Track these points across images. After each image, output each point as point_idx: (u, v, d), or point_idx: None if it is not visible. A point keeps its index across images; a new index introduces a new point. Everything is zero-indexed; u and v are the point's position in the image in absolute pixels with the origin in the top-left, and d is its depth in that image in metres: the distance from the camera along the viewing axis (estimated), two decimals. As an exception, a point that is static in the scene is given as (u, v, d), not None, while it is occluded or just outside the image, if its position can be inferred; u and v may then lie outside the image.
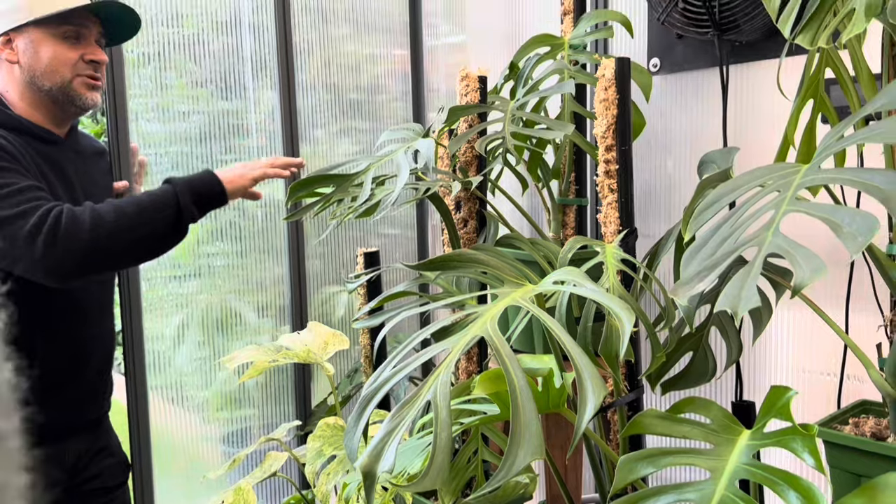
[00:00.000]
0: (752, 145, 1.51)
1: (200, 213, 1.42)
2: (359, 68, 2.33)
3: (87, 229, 1.28)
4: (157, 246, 1.41)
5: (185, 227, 1.41)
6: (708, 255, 0.89)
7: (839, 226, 0.76)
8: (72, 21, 1.42)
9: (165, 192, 1.39)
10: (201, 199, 1.42)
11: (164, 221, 1.37)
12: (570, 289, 0.90)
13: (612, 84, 1.23)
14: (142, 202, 1.36)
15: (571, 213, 1.65)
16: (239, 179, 1.47)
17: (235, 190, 1.47)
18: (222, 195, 1.45)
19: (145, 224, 1.34)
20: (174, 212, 1.37)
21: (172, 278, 2.01)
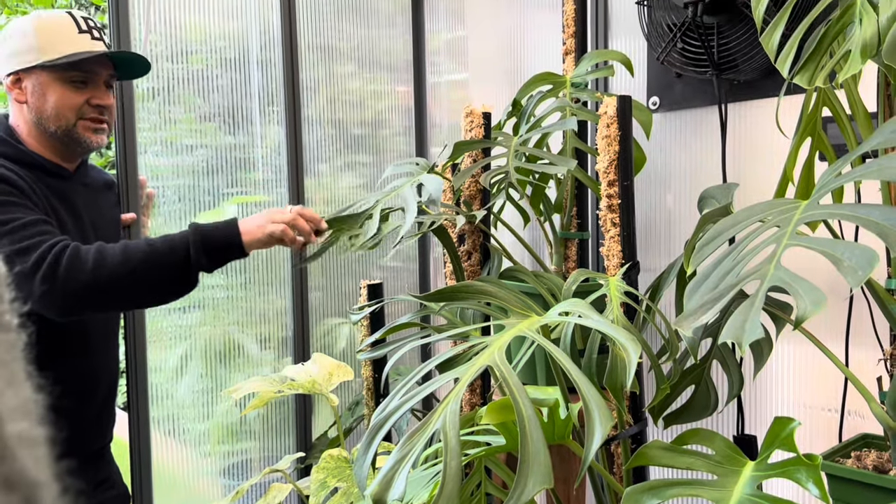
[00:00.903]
0: (750, 181, 1.54)
1: (213, 265, 1.38)
2: (363, 104, 2.37)
3: (88, 269, 1.28)
4: (160, 293, 1.39)
5: (195, 277, 1.37)
6: (710, 289, 0.91)
7: (839, 259, 0.78)
8: (81, 66, 1.44)
9: (179, 240, 1.36)
10: (216, 250, 1.37)
11: (171, 270, 1.34)
12: (576, 320, 0.92)
13: (613, 121, 1.26)
14: (153, 247, 1.34)
15: (573, 247, 1.67)
16: (257, 231, 1.40)
17: (253, 243, 1.40)
18: (239, 249, 1.39)
19: (150, 270, 1.32)
20: (182, 261, 1.35)
21: (175, 310, 2.02)
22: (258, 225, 1.41)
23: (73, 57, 1.40)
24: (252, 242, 1.40)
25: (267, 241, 1.42)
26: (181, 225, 1.99)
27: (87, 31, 1.44)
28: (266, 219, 1.42)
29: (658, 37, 1.62)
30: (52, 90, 1.42)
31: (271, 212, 1.45)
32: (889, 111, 1.07)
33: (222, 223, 1.41)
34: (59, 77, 1.42)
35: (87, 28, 1.45)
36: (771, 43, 1.04)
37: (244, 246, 1.39)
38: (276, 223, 1.41)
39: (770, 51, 1.04)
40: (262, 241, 1.41)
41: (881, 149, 0.95)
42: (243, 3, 2.07)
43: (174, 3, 1.95)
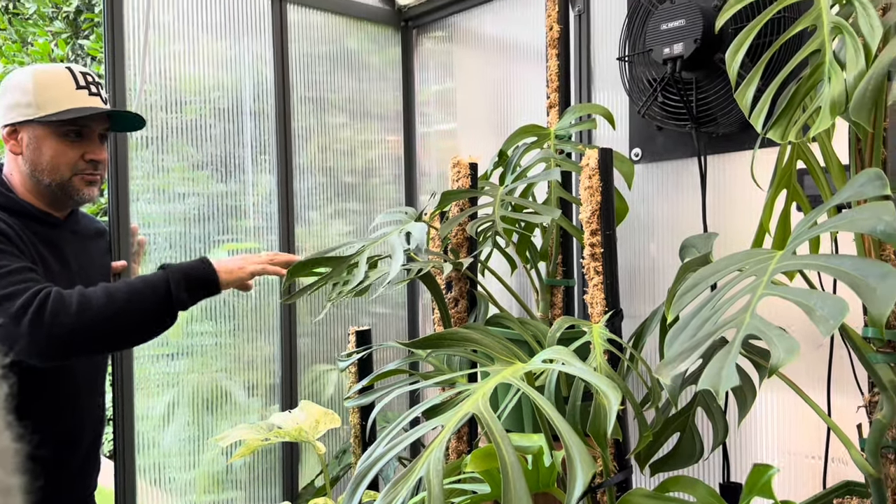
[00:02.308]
0: (729, 231, 1.57)
1: (192, 301, 1.44)
2: (354, 153, 2.42)
3: (73, 312, 1.30)
4: (144, 332, 1.42)
5: (175, 314, 1.42)
6: (690, 336, 0.93)
7: (812, 309, 0.81)
8: (76, 121, 1.47)
9: (158, 279, 1.41)
10: (194, 288, 1.44)
11: (154, 308, 1.39)
12: (559, 367, 0.93)
13: (595, 173, 1.30)
14: (133, 287, 1.38)
15: (559, 294, 1.70)
16: (238, 272, 1.49)
17: (231, 281, 1.49)
18: (216, 285, 1.47)
19: (134, 310, 1.36)
20: (165, 299, 1.39)
21: (162, 356, 2.02)
22: (238, 266, 1.50)
23: (70, 114, 1.43)
24: (230, 281, 1.48)
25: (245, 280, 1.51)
26: (171, 272, 2.00)
27: (85, 87, 1.48)
28: (243, 261, 1.52)
29: (639, 91, 1.67)
30: (48, 144, 1.45)
31: (246, 257, 1.55)
32: (860, 164, 1.11)
33: (195, 262, 1.48)
34: (54, 131, 1.45)
35: (84, 84, 1.48)
36: (745, 99, 1.08)
37: (220, 283, 1.47)
38: (254, 264, 1.52)
39: (744, 106, 1.09)
40: (241, 279, 1.50)
41: (853, 200, 0.98)
42: (237, 56, 2.13)
43: (170, 55, 2.00)
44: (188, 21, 2.03)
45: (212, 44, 2.08)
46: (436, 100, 2.48)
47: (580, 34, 1.89)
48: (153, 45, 1.95)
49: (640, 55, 1.64)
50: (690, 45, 1.47)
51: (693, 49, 1.46)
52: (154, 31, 1.95)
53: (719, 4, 1.49)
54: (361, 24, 2.42)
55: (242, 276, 1.49)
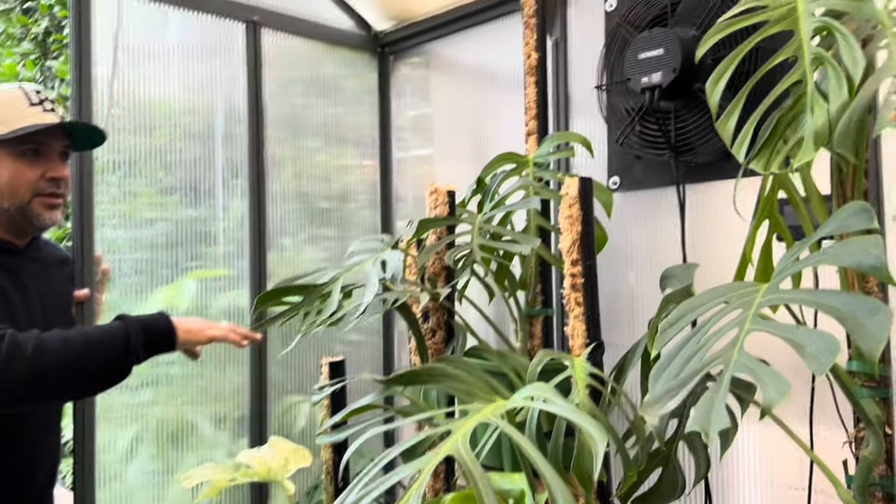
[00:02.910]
0: (709, 260, 1.56)
1: (146, 356, 1.40)
2: (328, 178, 2.38)
3: (27, 356, 1.24)
4: (97, 383, 1.37)
5: (130, 368, 1.37)
6: (675, 373, 0.90)
7: (801, 346, 0.78)
8: (33, 139, 1.41)
9: (117, 330, 1.36)
10: (151, 342, 1.40)
11: (110, 360, 1.34)
12: (541, 405, 0.90)
13: (575, 202, 1.28)
14: (90, 337, 1.33)
15: (538, 324, 1.67)
16: (197, 333, 1.47)
17: (188, 341, 1.46)
18: (172, 344, 1.43)
19: (89, 360, 1.31)
20: (122, 352, 1.35)
21: (126, 387, 1.95)
22: (198, 328, 1.47)
23: (24, 130, 1.38)
24: (187, 341, 1.45)
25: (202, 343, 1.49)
26: (137, 299, 1.94)
27: (39, 104, 1.43)
28: (204, 324, 1.50)
29: (617, 120, 1.66)
30: (5, 166, 1.39)
31: (206, 321, 1.53)
32: (842, 195, 1.10)
33: (154, 316, 1.44)
34: (11, 152, 1.40)
35: (38, 101, 1.43)
36: (727, 129, 1.07)
37: (177, 341, 1.44)
38: (215, 329, 1.50)
39: (726, 136, 1.07)
40: (199, 341, 1.47)
41: (836, 234, 0.97)
42: (210, 80, 2.08)
43: (140, 77, 1.95)
44: (159, 44, 1.98)
45: (183, 67, 2.04)
46: (412, 125, 2.46)
47: (557, 62, 1.88)
48: (122, 67, 1.90)
49: (618, 84, 1.63)
50: (669, 74, 1.46)
51: (672, 78, 1.45)
52: (123, 52, 1.90)
53: (697, 34, 1.49)
54: (337, 49, 2.39)
55: (201, 339, 1.47)
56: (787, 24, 1.05)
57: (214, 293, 2.10)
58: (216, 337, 1.49)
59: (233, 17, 2.10)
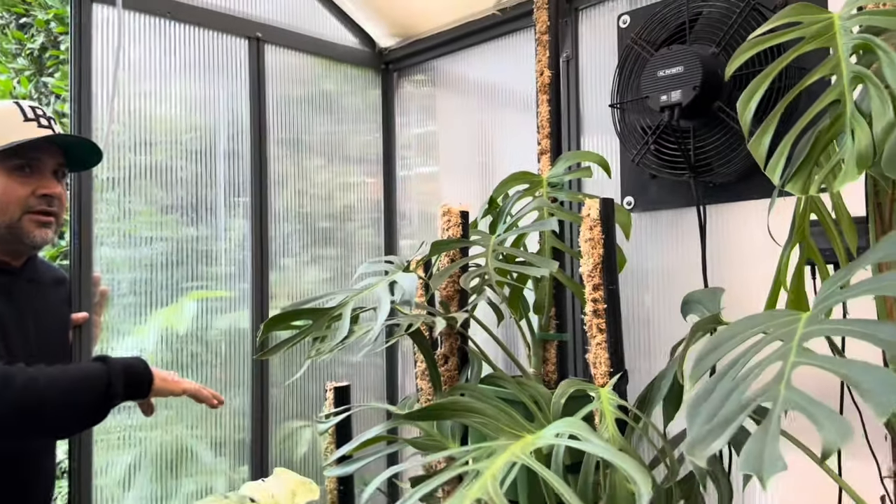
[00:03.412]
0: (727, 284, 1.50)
1: (122, 400, 1.36)
2: (331, 196, 2.33)
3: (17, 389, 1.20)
4: (75, 424, 1.34)
5: (108, 410, 1.33)
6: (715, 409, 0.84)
7: (858, 383, 0.73)
8: (24, 153, 1.37)
9: (99, 371, 1.32)
10: (130, 387, 1.36)
11: (92, 400, 1.30)
12: (576, 444, 0.84)
13: (597, 224, 1.23)
14: (74, 377, 1.30)
15: (552, 349, 1.61)
16: (172, 384, 1.44)
17: (161, 391, 1.43)
18: (147, 389, 1.40)
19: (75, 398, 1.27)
20: (104, 393, 1.31)
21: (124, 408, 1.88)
22: (174, 379, 1.45)
23: (14, 143, 1.33)
24: (160, 390, 1.42)
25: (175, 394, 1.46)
26: (135, 320, 1.88)
27: (34, 119, 1.38)
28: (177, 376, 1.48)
29: (633, 139, 1.62)
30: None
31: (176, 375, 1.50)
32: (880, 219, 1.05)
33: (133, 359, 1.41)
34: (2, 167, 1.35)
35: (33, 116, 1.39)
36: (760, 149, 1.02)
37: (153, 388, 1.40)
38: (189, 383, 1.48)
39: (759, 157, 1.03)
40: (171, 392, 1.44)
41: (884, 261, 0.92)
42: (212, 96, 2.04)
43: (140, 94, 1.90)
44: (161, 60, 1.94)
45: (185, 83, 1.99)
46: (417, 143, 2.42)
47: (568, 80, 1.84)
48: (123, 83, 1.86)
49: (634, 102, 1.59)
50: (690, 92, 1.42)
51: (692, 96, 1.41)
52: (124, 69, 1.86)
53: (717, 52, 1.45)
54: (341, 66, 2.35)
55: (174, 391, 1.44)
56: (823, 42, 1.01)
57: (214, 314, 2.04)
58: (189, 390, 1.46)
59: (235, 33, 2.06)
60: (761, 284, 1.51)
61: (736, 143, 1.45)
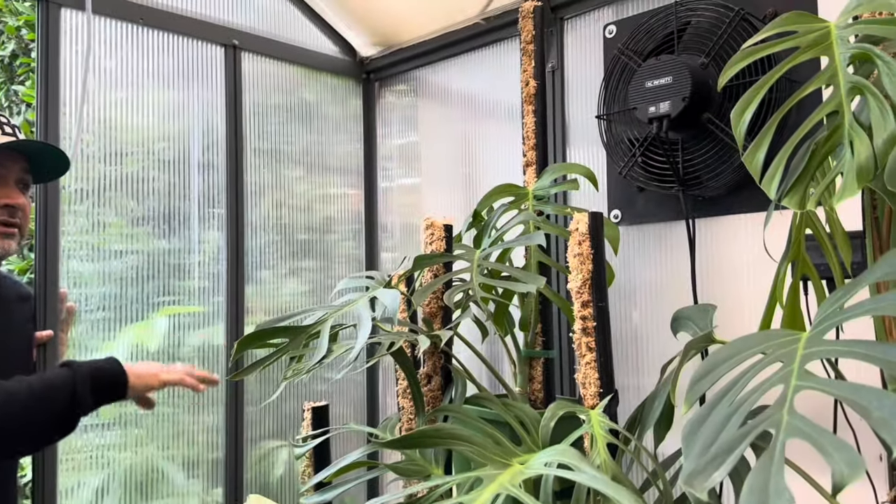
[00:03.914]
0: (716, 299, 1.47)
1: (95, 406, 1.30)
2: (310, 208, 2.27)
3: None
4: (42, 436, 1.27)
5: (77, 419, 1.27)
6: (713, 436, 0.79)
7: (867, 409, 0.69)
8: None
9: (63, 379, 1.25)
10: (100, 390, 1.30)
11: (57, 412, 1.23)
12: (567, 474, 0.79)
13: (586, 238, 1.19)
14: (34, 387, 1.22)
15: (538, 367, 1.56)
16: (149, 378, 1.37)
17: (140, 387, 1.36)
18: (123, 391, 1.33)
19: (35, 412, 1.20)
20: (68, 402, 1.24)
21: (92, 427, 1.81)
22: (151, 372, 1.38)
23: None
24: (139, 387, 1.35)
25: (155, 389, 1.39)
26: (104, 336, 1.81)
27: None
28: (158, 368, 1.41)
29: (619, 151, 1.59)
30: None
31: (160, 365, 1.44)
32: (877, 234, 1.02)
33: (102, 361, 1.35)
34: None
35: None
36: (755, 163, 0.99)
37: (129, 390, 1.34)
38: (169, 374, 1.41)
39: (754, 171, 0.99)
40: (151, 387, 1.38)
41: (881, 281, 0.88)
42: (186, 105, 1.98)
43: (112, 102, 1.84)
44: (133, 67, 1.88)
45: (159, 91, 1.93)
46: (399, 154, 2.37)
47: (554, 90, 1.80)
48: (94, 91, 1.79)
49: (621, 113, 1.56)
50: (679, 103, 1.38)
51: (681, 108, 1.38)
52: (95, 76, 1.79)
53: (706, 62, 1.42)
54: (321, 75, 2.30)
55: (153, 385, 1.37)
56: (820, 51, 0.98)
57: (187, 330, 1.97)
58: (170, 381, 1.39)
59: (211, 40, 2.01)
60: (752, 300, 1.48)
61: (726, 155, 1.42)
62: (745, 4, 1.42)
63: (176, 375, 1.41)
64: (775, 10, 1.41)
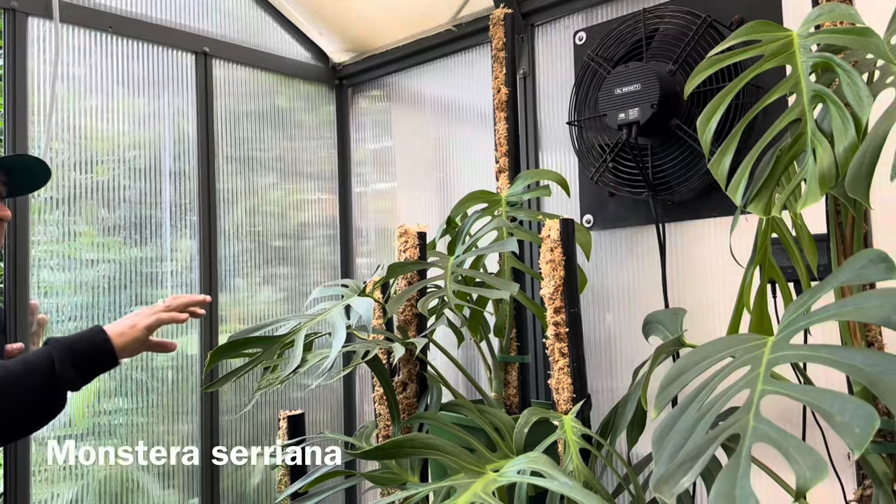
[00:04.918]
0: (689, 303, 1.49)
1: (83, 378, 1.22)
2: (284, 215, 2.26)
3: None
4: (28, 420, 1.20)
5: (63, 396, 1.20)
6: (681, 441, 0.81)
7: (831, 414, 0.70)
8: None
9: (40, 356, 1.19)
10: (84, 362, 1.22)
11: (35, 392, 1.16)
12: (539, 481, 0.80)
13: (557, 245, 1.20)
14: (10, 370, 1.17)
15: (513, 371, 1.57)
16: (129, 332, 1.26)
17: (127, 345, 1.26)
18: (110, 355, 1.24)
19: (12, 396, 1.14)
20: (47, 379, 1.17)
21: (66, 438, 1.78)
22: (129, 325, 1.27)
23: None
24: (126, 345, 1.26)
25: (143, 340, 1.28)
26: (76, 348, 1.78)
27: None
28: (134, 317, 1.30)
29: (590, 157, 1.60)
30: None
31: (137, 312, 1.33)
32: (841, 238, 1.04)
33: (86, 331, 1.26)
34: None
35: None
36: (721, 170, 1.00)
37: (116, 351, 1.24)
38: (147, 316, 1.30)
39: (720, 177, 1.00)
40: (138, 339, 1.27)
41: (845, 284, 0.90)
42: (157, 112, 1.96)
43: (82, 110, 1.82)
44: (103, 75, 1.86)
45: (129, 99, 1.91)
46: (373, 159, 2.37)
47: (526, 97, 1.81)
48: (63, 99, 1.77)
49: (591, 120, 1.57)
50: (647, 110, 1.40)
51: (650, 114, 1.40)
52: (64, 84, 1.77)
53: (674, 69, 1.44)
54: (293, 81, 2.30)
55: (137, 336, 1.26)
56: (783, 60, 1.00)
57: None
58: (151, 325, 1.29)
59: (181, 47, 1.99)
60: (722, 302, 1.50)
61: (694, 160, 1.44)
62: (711, 11, 1.45)
63: (153, 318, 1.30)
64: (741, 17, 1.44)
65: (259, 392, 1.20)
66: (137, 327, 1.28)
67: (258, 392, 1.20)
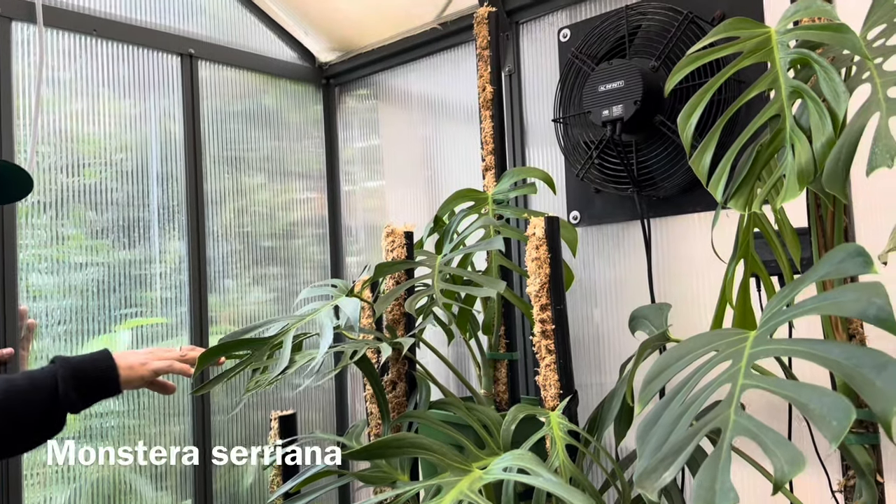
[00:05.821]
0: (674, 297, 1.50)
1: (84, 403, 1.21)
2: (273, 215, 2.27)
3: None
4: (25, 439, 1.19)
5: (63, 418, 1.19)
6: (664, 436, 0.82)
7: (807, 407, 0.72)
8: None
9: (44, 375, 1.18)
10: (87, 387, 1.20)
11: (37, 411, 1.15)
12: (524, 478, 0.81)
13: (543, 243, 1.21)
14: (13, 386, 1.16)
15: (503, 368, 1.58)
16: (140, 368, 1.26)
17: (132, 380, 1.25)
18: (113, 383, 1.23)
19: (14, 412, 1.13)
20: (50, 400, 1.16)
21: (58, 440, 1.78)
22: (140, 361, 1.27)
23: None
24: (131, 379, 1.25)
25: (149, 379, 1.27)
26: (67, 350, 1.79)
27: None
28: (149, 355, 1.29)
29: (576, 154, 1.61)
30: None
31: (153, 351, 1.32)
32: (821, 231, 1.06)
33: (94, 354, 1.25)
34: None
35: None
36: (702, 165, 1.01)
37: (121, 381, 1.23)
38: (160, 360, 1.29)
39: (701, 174, 1.01)
40: (144, 378, 1.26)
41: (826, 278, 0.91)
42: (143, 115, 1.96)
43: (68, 113, 1.82)
44: (89, 78, 1.85)
45: (115, 102, 1.91)
46: (361, 158, 2.37)
47: (511, 94, 1.82)
48: (49, 102, 1.77)
49: (576, 117, 1.58)
50: (631, 106, 1.41)
51: (634, 111, 1.41)
52: (50, 87, 1.77)
53: (657, 65, 1.45)
54: (280, 81, 2.30)
55: (144, 375, 1.26)
56: (761, 56, 1.01)
57: (151, 342, 1.96)
58: (161, 369, 1.28)
59: (167, 49, 1.99)
60: (707, 296, 1.51)
61: (678, 156, 1.45)
62: (693, 8, 1.45)
63: (165, 363, 1.29)
64: (723, 13, 1.45)
65: (248, 394, 1.21)
66: (147, 367, 1.27)
67: (247, 394, 1.21)
